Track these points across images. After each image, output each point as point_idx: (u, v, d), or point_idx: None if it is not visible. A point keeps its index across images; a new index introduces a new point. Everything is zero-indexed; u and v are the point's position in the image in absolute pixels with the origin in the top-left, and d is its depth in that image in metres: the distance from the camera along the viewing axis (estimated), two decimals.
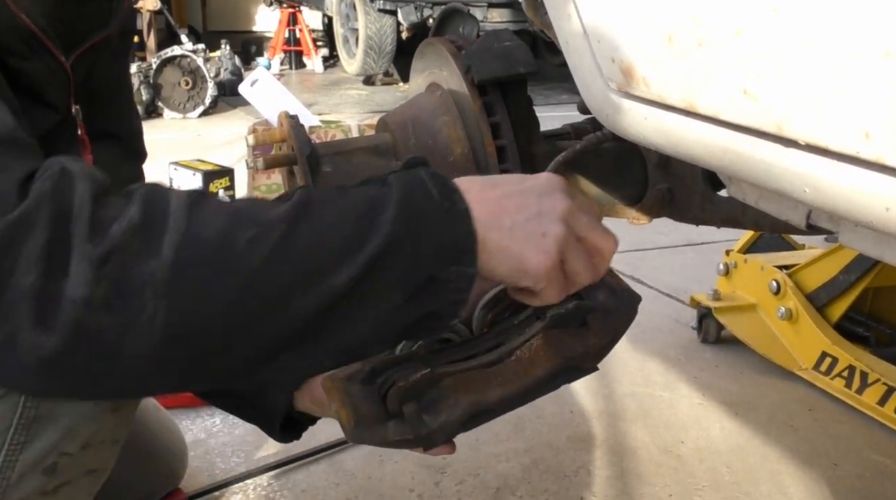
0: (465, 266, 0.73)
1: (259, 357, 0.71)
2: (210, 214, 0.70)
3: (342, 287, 0.70)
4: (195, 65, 6.11)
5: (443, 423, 0.84)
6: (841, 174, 0.56)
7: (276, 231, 0.69)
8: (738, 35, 0.63)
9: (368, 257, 0.70)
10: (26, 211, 0.66)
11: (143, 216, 0.68)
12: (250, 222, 0.70)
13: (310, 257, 0.70)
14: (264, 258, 0.68)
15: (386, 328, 0.74)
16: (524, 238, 0.75)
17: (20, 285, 0.65)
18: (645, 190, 1.40)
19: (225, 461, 1.63)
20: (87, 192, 0.68)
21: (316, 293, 0.69)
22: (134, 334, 0.66)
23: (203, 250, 0.68)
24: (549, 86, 7.22)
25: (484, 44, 1.29)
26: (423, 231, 0.72)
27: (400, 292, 0.72)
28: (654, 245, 3.00)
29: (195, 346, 0.69)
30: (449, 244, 0.73)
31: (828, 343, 1.92)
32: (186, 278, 0.67)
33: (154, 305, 0.66)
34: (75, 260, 0.65)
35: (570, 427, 1.77)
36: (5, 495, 0.81)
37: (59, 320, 0.65)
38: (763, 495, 1.54)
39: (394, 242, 0.71)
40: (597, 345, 0.86)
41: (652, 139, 0.82)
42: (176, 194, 0.71)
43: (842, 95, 0.55)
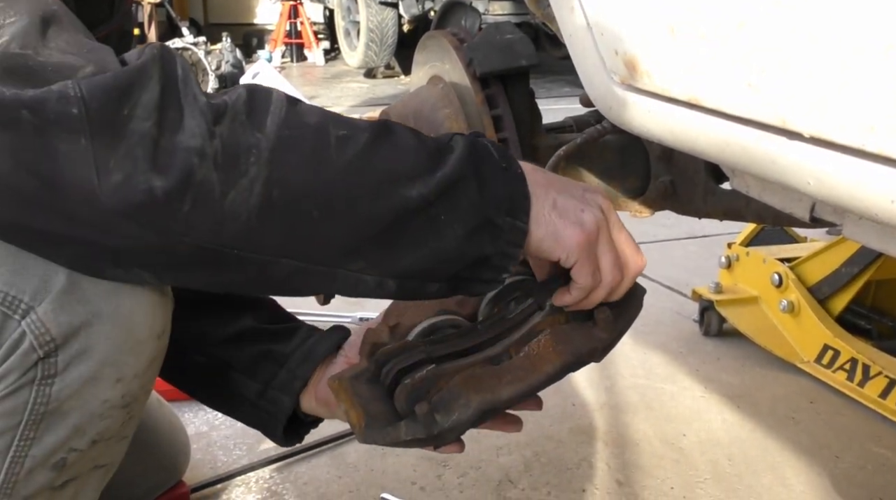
0: (520, 221, 0.80)
1: (339, 246, 0.76)
2: (307, 109, 0.77)
3: (414, 201, 0.76)
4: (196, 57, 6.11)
5: (455, 422, 0.84)
6: (845, 167, 0.56)
7: (364, 136, 0.76)
8: (742, 28, 0.62)
9: (439, 181, 0.77)
10: (141, 65, 0.70)
11: (249, 96, 0.74)
12: (343, 123, 0.77)
13: (390, 166, 0.76)
14: (352, 156, 0.75)
15: (446, 259, 0.79)
16: (565, 212, 0.81)
17: (139, 129, 0.69)
18: (647, 183, 1.40)
19: (227, 454, 1.64)
20: (188, 67, 0.75)
21: (391, 199, 0.75)
22: (235, 193, 0.71)
23: (301, 134, 0.74)
24: (551, 78, 7.21)
25: (486, 36, 1.28)
26: (486, 177, 0.79)
27: (462, 225, 0.78)
28: (656, 238, 3.00)
29: (286, 217, 0.73)
30: (507, 197, 0.79)
31: (830, 336, 1.92)
32: (285, 156, 0.73)
33: (256, 171, 0.71)
34: (190, 114, 0.70)
35: (572, 420, 1.77)
36: (14, 489, 0.81)
37: (173, 165, 0.69)
38: (764, 487, 1.54)
39: (461, 176, 0.78)
40: (605, 340, 0.86)
41: (655, 132, 0.82)
42: (276, 90, 0.77)
43: (847, 88, 0.55)
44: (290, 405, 1.08)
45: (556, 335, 0.86)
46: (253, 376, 1.09)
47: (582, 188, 0.85)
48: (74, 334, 0.78)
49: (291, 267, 0.76)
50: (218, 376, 1.10)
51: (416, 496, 1.49)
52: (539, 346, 0.87)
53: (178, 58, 0.75)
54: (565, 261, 0.82)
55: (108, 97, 0.68)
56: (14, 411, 0.79)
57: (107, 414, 0.83)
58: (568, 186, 0.84)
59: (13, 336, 0.77)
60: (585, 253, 0.82)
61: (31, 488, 0.82)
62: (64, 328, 0.78)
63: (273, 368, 1.09)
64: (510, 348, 0.89)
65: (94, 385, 0.81)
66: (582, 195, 0.84)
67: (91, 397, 0.81)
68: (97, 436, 0.83)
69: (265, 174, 0.71)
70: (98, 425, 0.83)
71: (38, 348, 0.78)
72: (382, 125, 0.79)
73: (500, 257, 0.80)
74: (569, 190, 0.84)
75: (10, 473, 0.80)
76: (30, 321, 0.77)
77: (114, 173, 0.69)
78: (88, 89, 0.68)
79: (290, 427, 1.11)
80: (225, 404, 1.15)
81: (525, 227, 0.80)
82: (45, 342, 0.78)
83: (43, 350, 0.78)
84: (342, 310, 2.22)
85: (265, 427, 1.11)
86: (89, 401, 0.81)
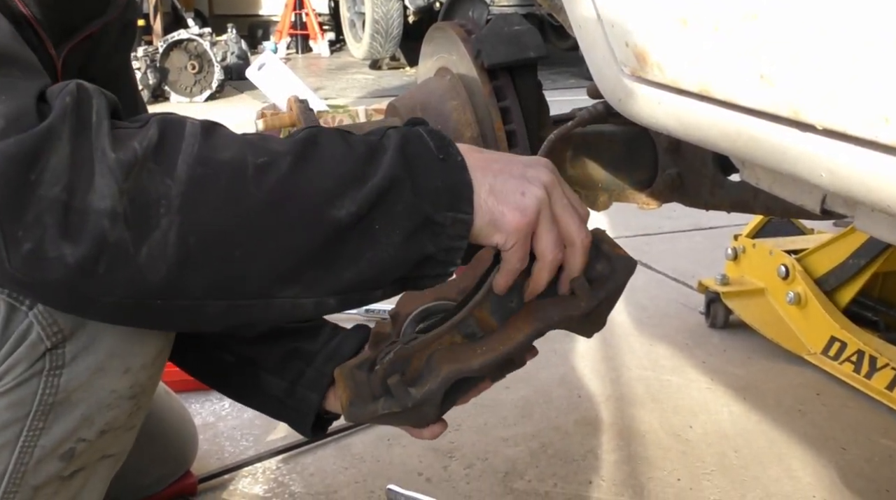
0: (463, 213, 0.77)
1: (269, 278, 0.73)
2: (223, 140, 0.73)
3: (344, 220, 0.73)
4: (202, 49, 6.11)
5: (426, 392, 0.87)
6: (859, 159, 0.56)
7: (285, 161, 0.73)
8: (754, 19, 0.62)
9: (369, 193, 0.74)
10: (51, 124, 0.68)
11: (160, 138, 0.71)
12: (261, 151, 0.73)
13: (315, 188, 0.73)
14: (273, 185, 0.72)
15: (386, 268, 0.76)
16: (504, 195, 0.78)
17: (47, 196, 0.66)
18: (655, 175, 1.39)
19: (234, 445, 1.64)
20: (104, 107, 0.71)
21: (319, 223, 0.73)
22: (148, 248, 0.69)
23: (215, 171, 0.71)
24: (557, 70, 7.20)
25: (494, 28, 1.28)
26: (421, 175, 0.76)
27: (399, 231, 0.75)
28: (662, 229, 3.00)
29: (207, 261, 0.71)
30: (445, 190, 0.76)
31: (836, 328, 1.92)
32: (198, 197, 0.70)
33: (168, 221, 0.69)
34: (99, 173, 0.67)
35: (579, 412, 1.78)
36: (24, 479, 0.82)
37: (84, 232, 0.67)
38: (771, 479, 1.54)
39: (393, 181, 0.75)
40: (581, 307, 0.85)
41: (665, 124, 0.82)
42: (190, 121, 0.74)
43: (859, 79, 0.55)
44: (318, 402, 1.10)
45: (531, 306, 0.87)
46: (281, 374, 1.11)
47: (523, 165, 0.82)
48: (82, 325, 0.79)
49: (222, 306, 0.74)
50: (246, 375, 1.12)
51: (423, 487, 1.49)
52: (518, 319, 0.87)
53: (97, 100, 0.71)
54: (503, 246, 0.80)
55: (14, 165, 0.66)
56: (23, 402, 0.79)
57: (115, 404, 0.83)
58: (509, 165, 0.81)
59: (21, 327, 0.78)
60: (523, 237, 0.79)
61: (40, 477, 0.82)
62: (71, 320, 0.78)
63: (300, 366, 1.10)
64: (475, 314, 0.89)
65: (102, 376, 0.81)
66: (523, 173, 0.80)
67: (99, 387, 0.81)
68: (105, 426, 0.84)
69: (178, 222, 0.69)
70: (106, 415, 0.83)
71: (46, 340, 0.78)
72: (307, 140, 0.75)
73: (445, 253, 0.78)
74: (509, 169, 0.80)
75: (19, 463, 0.81)
76: (37, 312, 0.78)
77: (23, 243, 0.67)
78: None
79: (315, 421, 1.13)
80: (254, 401, 1.17)
81: (469, 217, 0.77)
82: (52, 333, 0.78)
83: (51, 341, 0.78)
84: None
85: (294, 423, 1.14)
86: (97, 391, 0.82)
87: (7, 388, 0.79)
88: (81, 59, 1.00)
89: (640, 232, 2.94)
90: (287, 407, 1.11)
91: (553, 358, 2.01)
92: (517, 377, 1.88)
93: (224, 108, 5.90)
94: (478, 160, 0.79)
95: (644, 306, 2.34)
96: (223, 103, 6.12)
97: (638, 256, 2.73)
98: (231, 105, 6.01)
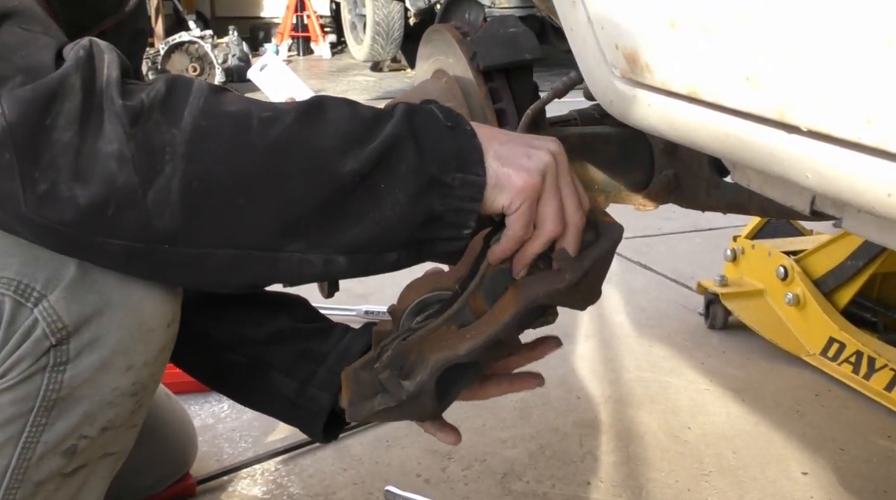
0: (474, 175, 0.78)
1: (273, 228, 0.75)
2: (231, 97, 0.77)
3: (347, 175, 0.75)
4: (203, 51, 6.12)
5: (418, 384, 0.87)
6: (843, 160, 0.56)
7: (290, 116, 0.76)
8: (740, 21, 0.63)
9: (372, 152, 0.75)
10: (64, 74, 0.71)
11: (168, 91, 0.74)
12: (267, 107, 0.76)
13: (319, 144, 0.75)
14: (276, 136, 0.74)
15: (392, 226, 0.78)
16: (509, 159, 0.80)
17: (61, 140, 0.70)
18: (651, 176, 1.39)
19: (233, 447, 1.65)
20: (115, 63, 0.74)
21: (321, 175, 0.75)
22: (154, 192, 0.72)
23: (220, 122, 0.74)
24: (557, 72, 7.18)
25: (489, 30, 1.28)
26: (426, 137, 0.78)
27: (402, 191, 0.77)
28: (661, 231, 3.00)
29: (210, 207, 0.74)
30: (453, 153, 0.78)
31: (835, 329, 1.92)
32: (202, 147, 0.73)
33: (172, 167, 0.72)
34: (108, 119, 0.71)
35: (577, 413, 1.78)
36: (26, 475, 0.82)
37: (94, 175, 0.71)
38: (769, 480, 1.54)
39: (397, 141, 0.77)
40: (567, 280, 0.83)
41: (656, 126, 0.82)
42: (198, 81, 0.77)
43: (844, 81, 0.55)
44: (330, 403, 1.09)
45: (518, 285, 0.85)
46: (292, 374, 1.10)
47: (531, 137, 0.84)
48: (86, 322, 0.79)
49: (229, 256, 0.76)
50: (256, 376, 1.12)
51: (421, 488, 1.50)
52: (504, 299, 0.86)
53: (108, 55, 0.75)
54: (508, 208, 0.80)
55: (30, 110, 0.70)
56: (26, 398, 0.80)
57: (117, 402, 0.84)
58: (514, 136, 0.83)
59: (26, 323, 0.78)
60: (529, 200, 0.80)
61: (42, 474, 0.83)
62: (76, 316, 0.79)
63: (311, 366, 1.10)
64: (470, 303, 0.89)
65: (105, 373, 0.82)
66: (530, 142, 0.83)
67: (102, 384, 0.82)
68: (107, 423, 0.84)
69: (182, 169, 0.72)
70: (108, 412, 0.84)
71: (51, 336, 0.79)
72: (314, 101, 0.79)
73: (455, 214, 0.79)
74: (514, 139, 0.83)
75: (21, 458, 0.82)
76: (42, 309, 0.78)
77: (39, 184, 0.71)
78: (10, 104, 0.70)
79: (327, 424, 1.11)
80: (263, 403, 1.15)
81: (481, 179, 0.78)
82: (57, 330, 0.79)
83: (55, 337, 0.79)
84: (347, 303, 2.23)
85: (304, 425, 1.12)
86: (100, 388, 0.82)
87: (11, 383, 0.79)
88: None
89: (639, 233, 2.94)
90: (298, 408, 1.10)
91: (551, 359, 1.99)
92: None
93: None
94: (485, 131, 0.82)
95: (643, 308, 2.35)
96: None
97: (637, 257, 2.73)
98: None
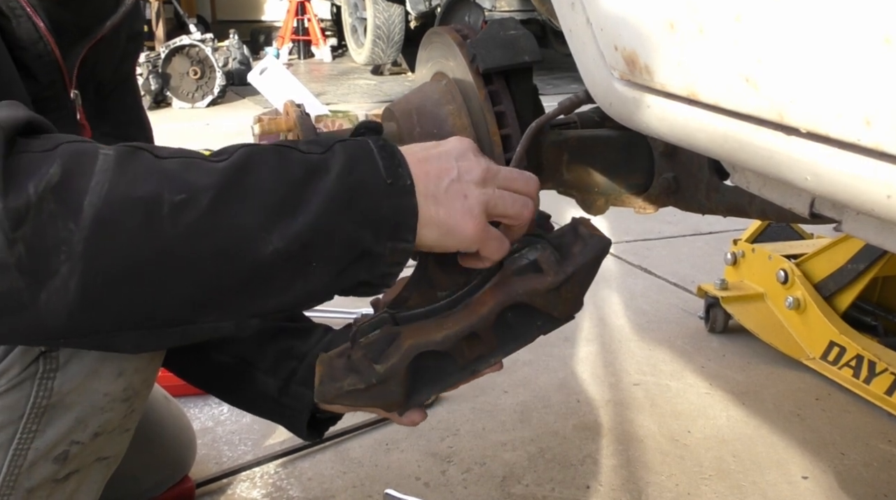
0: (404, 241, 0.74)
1: (186, 311, 0.71)
2: (139, 174, 0.67)
3: (269, 259, 0.69)
4: (204, 54, 6.12)
5: (390, 367, 0.87)
6: (842, 162, 0.56)
7: (205, 198, 0.68)
8: (738, 21, 0.62)
9: (302, 229, 0.70)
10: None
11: (63, 174, 0.65)
12: (180, 186, 0.68)
13: (239, 224, 0.69)
14: (190, 221, 0.67)
15: (316, 296, 0.75)
16: (449, 204, 0.76)
17: None
18: (651, 179, 1.39)
19: (232, 450, 1.64)
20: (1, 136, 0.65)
21: (241, 261, 0.69)
22: (47, 294, 0.66)
23: (126, 211, 0.66)
24: (558, 75, 7.19)
25: (489, 33, 1.28)
26: (363, 202, 0.72)
27: (334, 266, 0.73)
28: (661, 235, 3.00)
29: (113, 301, 0.68)
30: (390, 220, 0.73)
31: (836, 333, 1.91)
32: (104, 242, 0.66)
33: (69, 267, 0.65)
34: None
35: (577, 416, 1.77)
36: (17, 482, 0.82)
37: None
38: (769, 484, 1.54)
39: (330, 216, 0.71)
40: (548, 282, 0.85)
41: (655, 128, 0.82)
42: (104, 153, 0.68)
43: (842, 82, 0.55)
44: (312, 398, 1.09)
45: (499, 282, 0.87)
46: (274, 373, 1.11)
47: (454, 158, 0.78)
48: None
49: (134, 337, 0.72)
50: (240, 375, 1.12)
51: (421, 491, 1.49)
52: (484, 294, 0.88)
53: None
54: (468, 249, 0.80)
55: None
56: (16, 405, 0.79)
57: (108, 407, 0.83)
58: (444, 166, 0.77)
59: None
60: (482, 235, 0.79)
61: (34, 480, 0.83)
62: None
63: (293, 364, 1.11)
64: None
65: (96, 379, 0.81)
66: (458, 173, 0.77)
67: (93, 390, 0.82)
68: (99, 429, 0.84)
69: (80, 269, 0.65)
70: (100, 418, 0.83)
71: None
72: (236, 167, 0.70)
73: (381, 278, 0.77)
74: (446, 170, 0.77)
75: (13, 465, 0.81)
76: None
77: None
78: None
79: (311, 422, 1.13)
80: (247, 402, 1.17)
81: (409, 246, 0.75)
82: None
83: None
84: (346, 306, 2.22)
85: (288, 422, 1.14)
86: (91, 395, 0.82)
87: (1, 391, 0.79)
88: (93, 63, 1.02)
89: (639, 237, 2.93)
90: (282, 406, 1.11)
91: (552, 363, 2.01)
92: (516, 382, 1.89)
93: (226, 113, 5.91)
94: (420, 170, 0.76)
95: (643, 311, 2.34)
96: (225, 109, 6.13)
97: (638, 260, 2.73)
98: (233, 110, 6.02)
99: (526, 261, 0.87)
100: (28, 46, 0.93)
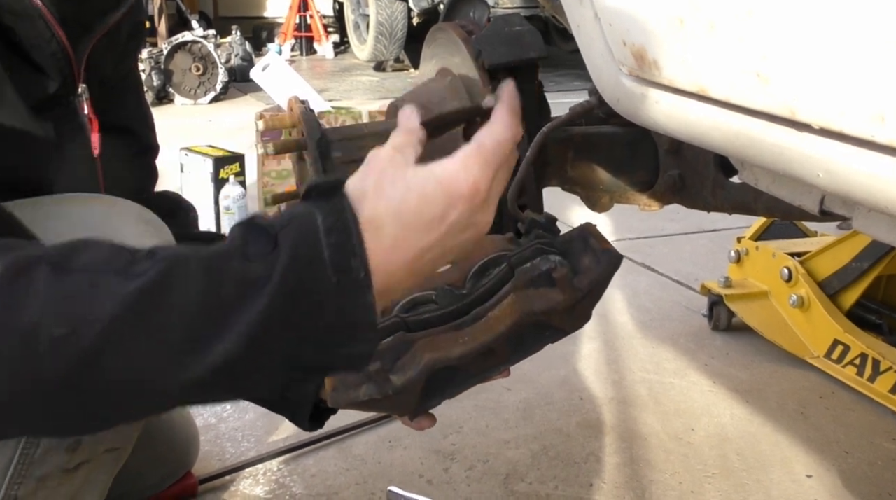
0: (359, 344, 0.64)
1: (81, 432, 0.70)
2: (23, 295, 0.59)
3: (175, 392, 0.61)
4: (206, 50, 6.11)
5: (407, 381, 0.87)
6: (855, 159, 0.56)
7: (91, 332, 0.58)
8: (750, 17, 0.62)
9: (216, 361, 0.60)
10: None
11: None
12: (65, 317, 0.59)
13: (131, 363, 0.60)
14: (70, 361, 0.58)
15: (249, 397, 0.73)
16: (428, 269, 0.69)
17: None
18: (656, 176, 1.39)
19: (235, 446, 1.64)
20: None
21: (135, 399, 0.62)
22: None
23: (2, 342, 0.58)
24: (562, 72, 7.18)
25: (494, 28, 1.28)
26: (300, 318, 0.61)
27: (264, 387, 0.65)
28: (665, 232, 2.99)
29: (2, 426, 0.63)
30: (334, 326, 0.62)
31: (840, 331, 1.91)
32: None
33: None
34: None
35: (580, 414, 1.77)
36: (29, 470, 0.83)
37: None
38: (773, 482, 1.53)
39: (257, 340, 0.60)
40: (563, 300, 0.86)
41: (663, 124, 0.81)
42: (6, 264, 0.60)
43: (855, 78, 0.54)
44: (315, 391, 1.09)
45: (516, 297, 0.88)
46: None
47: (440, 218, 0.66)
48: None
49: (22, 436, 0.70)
50: None
51: (424, 488, 1.49)
52: (500, 309, 0.88)
53: None
54: None
55: None
56: None
57: None
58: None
59: None
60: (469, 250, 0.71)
61: (45, 469, 0.84)
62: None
63: None
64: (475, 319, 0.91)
65: None
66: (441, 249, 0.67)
67: None
68: None
69: None
70: None
71: None
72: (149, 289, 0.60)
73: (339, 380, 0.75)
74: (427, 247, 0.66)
75: (24, 454, 0.82)
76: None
77: None
78: None
79: (313, 413, 1.12)
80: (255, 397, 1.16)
81: (367, 347, 0.64)
82: None
83: None
84: None
85: (291, 414, 1.13)
86: None
87: None
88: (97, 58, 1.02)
89: (643, 234, 2.93)
90: (285, 398, 1.11)
91: (555, 360, 2.00)
92: (519, 379, 1.89)
93: (228, 109, 5.90)
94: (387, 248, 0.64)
95: (647, 309, 2.34)
96: (227, 105, 6.12)
97: (641, 258, 2.72)
98: (235, 107, 6.01)
99: (538, 272, 0.87)
100: (42, 45, 0.94)
